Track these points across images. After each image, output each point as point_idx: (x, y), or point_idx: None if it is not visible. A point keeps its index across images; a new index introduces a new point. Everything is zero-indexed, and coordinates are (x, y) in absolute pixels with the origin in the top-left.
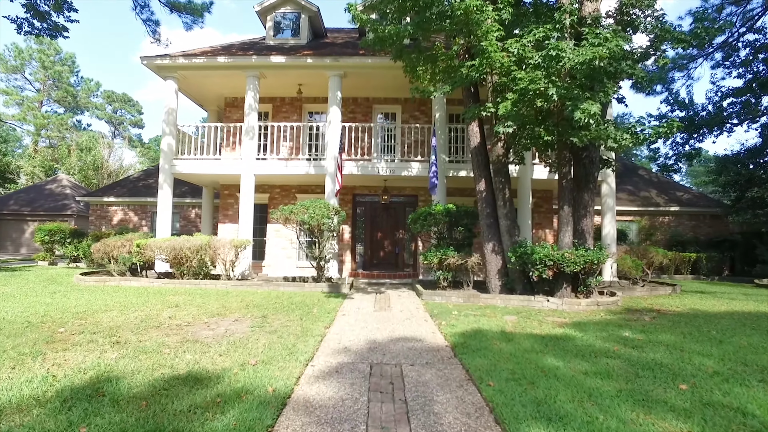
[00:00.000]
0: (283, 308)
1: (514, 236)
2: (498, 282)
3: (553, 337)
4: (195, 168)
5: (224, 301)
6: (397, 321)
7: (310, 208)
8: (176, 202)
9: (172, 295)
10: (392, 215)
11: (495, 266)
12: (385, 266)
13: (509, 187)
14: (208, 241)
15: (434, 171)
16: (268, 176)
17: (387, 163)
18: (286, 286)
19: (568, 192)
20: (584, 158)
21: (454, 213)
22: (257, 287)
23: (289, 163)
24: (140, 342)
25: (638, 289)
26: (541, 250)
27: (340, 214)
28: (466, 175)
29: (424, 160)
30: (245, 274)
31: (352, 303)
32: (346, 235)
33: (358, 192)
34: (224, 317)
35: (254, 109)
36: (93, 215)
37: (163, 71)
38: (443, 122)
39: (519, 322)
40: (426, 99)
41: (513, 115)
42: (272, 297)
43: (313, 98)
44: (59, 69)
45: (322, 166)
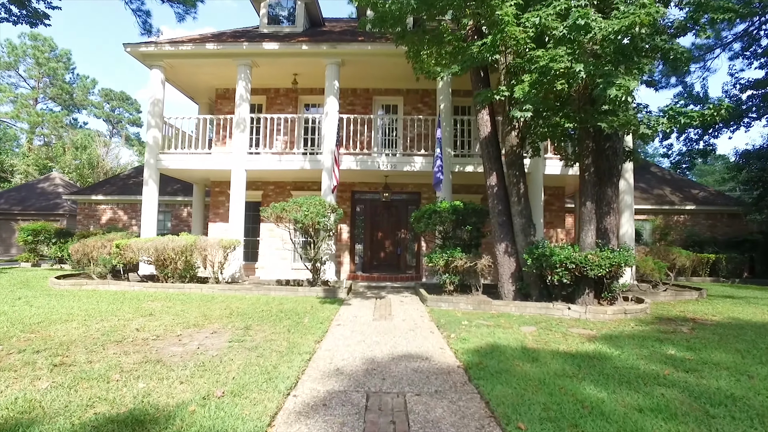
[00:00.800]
0: (271, 317)
1: (530, 236)
2: (511, 287)
3: (585, 355)
4: (183, 163)
5: (207, 308)
6: (399, 333)
7: (304, 205)
8: (167, 200)
9: (150, 300)
10: (393, 214)
11: (508, 269)
12: (386, 268)
13: (524, 182)
14: (194, 242)
15: (439, 165)
16: (260, 172)
17: (388, 158)
18: (278, 290)
19: (590, 186)
20: (607, 149)
21: (462, 211)
22: (246, 291)
23: (283, 157)
24: (89, 363)
25: (661, 293)
26: (560, 251)
27: (337, 212)
28: (473, 170)
29: (427, 154)
30: (235, 276)
31: (349, 310)
32: (344, 235)
33: (357, 189)
34: (201, 328)
35: (245, 100)
36: (81, 214)
37: (149, 59)
38: (448, 113)
39: (540, 334)
40: (430, 90)
41: (531, 97)
42: (261, 303)
43: (310, 89)
44: (54, 66)
45: (318, 160)
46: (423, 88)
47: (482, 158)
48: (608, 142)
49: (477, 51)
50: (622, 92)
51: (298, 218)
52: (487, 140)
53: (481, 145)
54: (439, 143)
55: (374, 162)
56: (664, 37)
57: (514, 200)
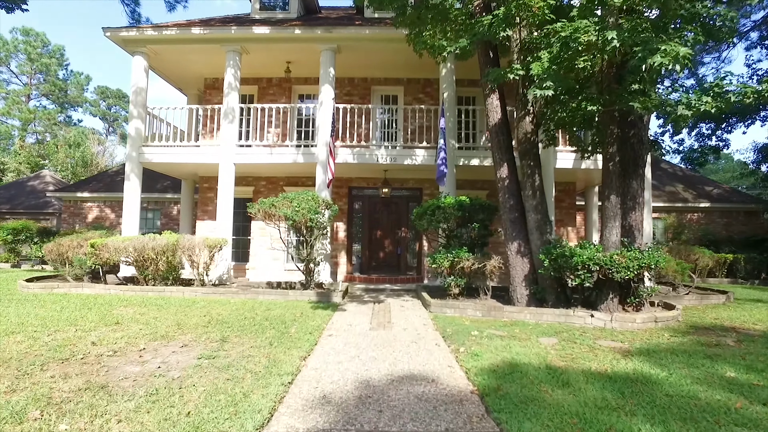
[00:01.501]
0: (254, 326)
1: (546, 234)
2: (525, 291)
3: (625, 377)
4: (167, 156)
5: (184, 314)
6: (399, 346)
7: (295, 200)
8: (156, 197)
9: (123, 306)
10: (393, 211)
11: (521, 271)
12: (386, 269)
13: (539, 173)
14: (177, 241)
15: (443, 158)
16: (251, 166)
17: (387, 151)
18: (267, 294)
19: (615, 178)
20: (632, 137)
21: (468, 207)
22: (232, 295)
23: (275, 150)
24: (10, 393)
25: (684, 297)
26: (582, 251)
27: (332, 209)
28: (479, 164)
29: (430, 146)
30: (223, 278)
31: (343, 317)
32: (340, 234)
33: (354, 184)
34: (171, 341)
35: (234, 89)
36: (66, 212)
37: (131, 45)
38: (452, 103)
39: (564, 348)
40: (432, 80)
41: (552, 74)
42: (245, 309)
43: (304, 79)
44: (46, 61)
45: (312, 153)
46: (425, 78)
47: (491, 148)
48: (633, 128)
49: (488, 25)
50: (669, 59)
51: (288, 215)
52: (498, 128)
53: (490, 133)
54: (443, 134)
55: (373, 155)
56: (706, 3)
57: (528, 194)
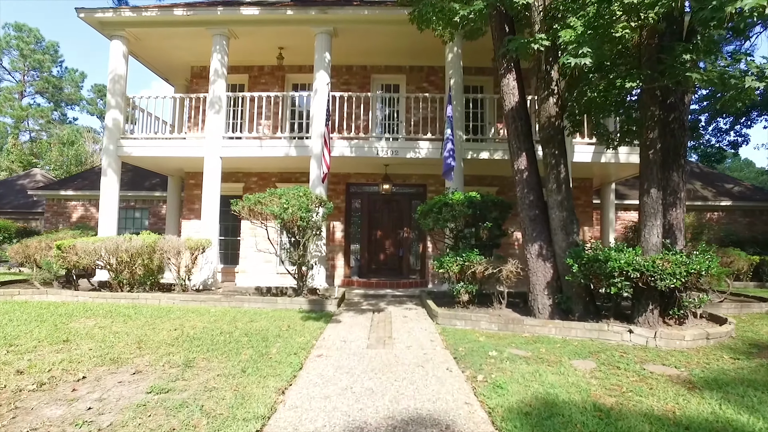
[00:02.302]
0: (229, 344)
1: (572, 234)
2: (547, 300)
3: (705, 426)
4: (148, 150)
5: (152, 328)
6: (403, 371)
7: (284, 196)
8: (144, 196)
9: (84, 317)
10: (395, 209)
11: (542, 277)
12: (386, 272)
13: (565, 164)
14: (154, 243)
15: (450, 149)
16: (239, 161)
17: (388, 143)
18: (253, 302)
19: (657, 169)
20: (672, 121)
21: (479, 204)
22: (215, 303)
23: (265, 143)
24: None
25: (721, 305)
26: (618, 254)
27: (326, 206)
28: (489, 157)
29: (435, 138)
30: (208, 283)
31: (337, 330)
32: (337, 234)
33: (352, 181)
34: (122, 365)
35: (221, 76)
36: (49, 211)
37: (108, 28)
38: (459, 90)
39: (607, 376)
40: (437, 68)
41: (588, 40)
42: (226, 320)
43: (298, 67)
44: (39, 58)
45: (306, 146)
46: (428, 65)
47: (508, 136)
48: (673, 112)
49: None
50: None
51: (276, 212)
52: (515, 112)
53: (506, 119)
54: (450, 123)
55: (372, 148)
56: None
57: (552, 188)
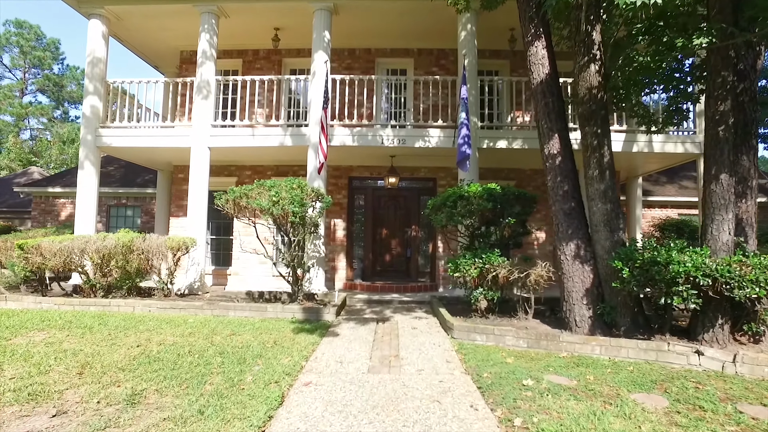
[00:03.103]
0: (196, 368)
1: (617, 230)
2: (586, 311)
3: None
4: (130, 140)
5: (110, 345)
6: (413, 409)
7: (274, 188)
8: (137, 192)
9: (36, 330)
10: (402, 205)
11: (580, 283)
12: (393, 275)
13: (608, 145)
14: (130, 242)
15: (465, 135)
16: (231, 152)
17: (394, 131)
18: (241, 309)
19: (728, 150)
20: (741, 93)
21: (500, 197)
22: (196, 311)
23: (258, 131)
24: None
25: None
26: (681, 256)
27: (324, 200)
28: (507, 146)
29: (446, 125)
30: (194, 287)
31: (333, 347)
32: (339, 233)
33: (355, 174)
34: (44, 402)
35: (210, 58)
36: (36, 209)
37: (85, 5)
38: (473, 72)
39: (689, 421)
40: (447, 51)
41: None
42: (203, 333)
43: (296, 50)
44: (40, 55)
45: (303, 134)
46: (438, 48)
47: (536, 115)
48: (743, 81)
49: None
50: None
51: (264, 206)
52: (545, 86)
53: (534, 95)
54: (465, 105)
55: (377, 136)
56: None
57: (593, 175)
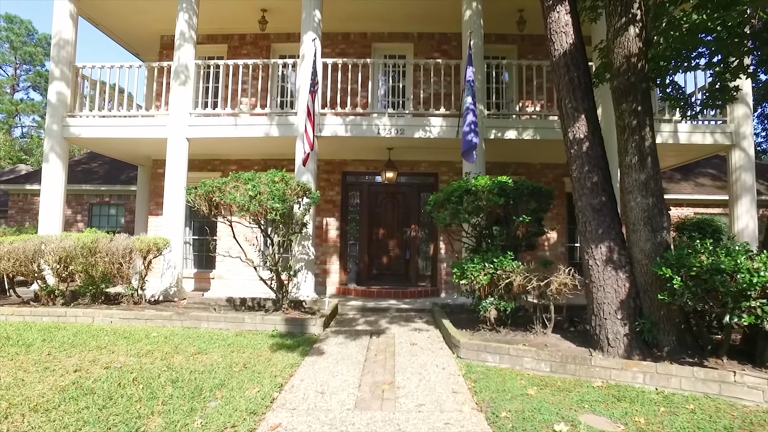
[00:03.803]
0: (133, 404)
1: (661, 230)
2: (621, 326)
3: None
4: (101, 130)
5: (39, 370)
6: None
7: (251, 182)
8: (120, 190)
9: None
10: (400, 203)
11: (613, 292)
12: (390, 279)
13: (651, 125)
14: (93, 243)
15: (471, 122)
16: (213, 144)
17: (392, 120)
18: (214, 321)
19: None
20: None
21: (512, 191)
22: (164, 322)
23: (241, 121)
24: None
25: None
26: (748, 263)
27: (311, 196)
28: (516, 137)
29: (449, 114)
30: (170, 292)
31: (316, 370)
32: (332, 233)
33: (349, 169)
34: None
35: (189, 40)
36: (13, 208)
37: None
38: (479, 54)
39: None
40: (450, 35)
41: None
42: (161, 353)
43: (286, 35)
44: (31, 50)
45: (290, 124)
46: (440, 32)
47: (558, 94)
48: None
49: None
50: None
51: (239, 202)
52: (569, 58)
53: (555, 68)
54: (471, 88)
55: (372, 126)
56: None
57: (631, 162)
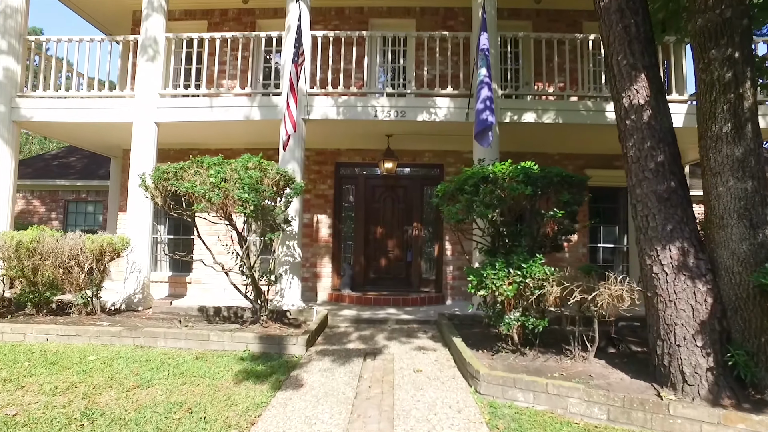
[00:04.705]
0: None
1: (765, 226)
2: (702, 357)
3: None
4: (58, 113)
5: None
6: None
7: (215, 167)
8: (98, 185)
9: None
10: (401, 198)
11: (689, 310)
12: (389, 284)
13: (753, 80)
14: (32, 243)
15: (487, 98)
16: (188, 129)
17: (391, 101)
18: (173, 338)
19: None
20: None
21: (540, 178)
22: (112, 339)
23: (218, 102)
24: None
25: None
26: None
27: (293, 186)
28: (536, 120)
29: (458, 93)
30: (134, 300)
31: (287, 416)
32: (323, 231)
33: (343, 159)
34: None
35: (158, 10)
36: None
37: None
38: (493, 24)
39: None
40: (457, 9)
41: None
42: (83, 388)
43: (273, 10)
44: None
45: (274, 106)
46: (446, 6)
47: (605, 50)
48: None
49: None
50: None
51: (199, 191)
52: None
53: (604, 15)
54: (485, 58)
55: (369, 107)
56: None
57: (723, 131)
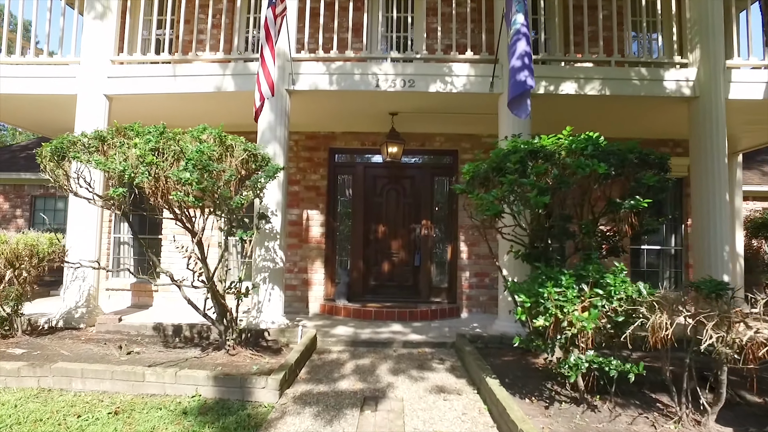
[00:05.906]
0: None
1: None
2: None
3: None
4: None
5: None
6: None
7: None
8: None
9: None
10: (407, 191)
11: None
12: (393, 293)
13: None
14: None
15: (524, 53)
16: (149, 105)
17: (397, 66)
18: (94, 378)
19: None
20: None
21: (610, 154)
22: (8, 380)
23: (181, 69)
24: None
25: None
26: None
27: (266, 169)
28: (576, 91)
29: (479, 59)
30: (74, 316)
31: None
32: (314, 230)
33: (338, 144)
34: None
35: None
36: None
37: None
38: None
39: None
40: None
41: None
42: None
43: None
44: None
45: (252, 74)
46: None
47: None
48: None
49: None
50: None
51: (117, 169)
52: None
53: None
54: (522, 1)
55: (369, 75)
56: None
57: None
